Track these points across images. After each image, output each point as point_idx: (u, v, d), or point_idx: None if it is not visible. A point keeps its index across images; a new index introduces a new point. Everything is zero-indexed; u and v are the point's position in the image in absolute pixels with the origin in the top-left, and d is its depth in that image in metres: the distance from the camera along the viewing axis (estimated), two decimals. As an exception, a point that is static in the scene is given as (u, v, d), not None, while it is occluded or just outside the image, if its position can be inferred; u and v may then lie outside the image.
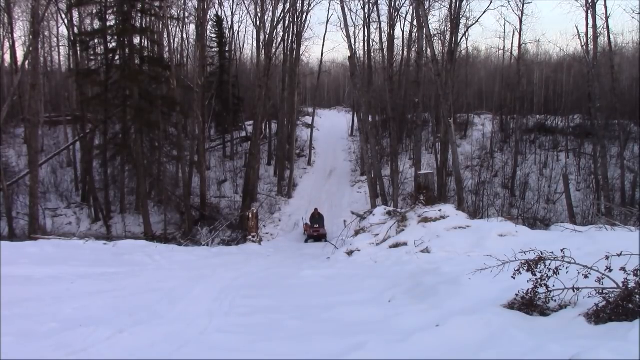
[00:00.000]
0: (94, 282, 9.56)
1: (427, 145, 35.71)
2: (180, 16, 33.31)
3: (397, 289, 7.45)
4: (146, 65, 26.16)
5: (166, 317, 6.49)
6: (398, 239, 12.21)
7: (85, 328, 5.62)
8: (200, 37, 28.91)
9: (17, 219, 24.02)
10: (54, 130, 37.57)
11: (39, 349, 4.86)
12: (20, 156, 32.67)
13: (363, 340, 4.86)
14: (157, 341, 5.26)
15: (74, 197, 29.96)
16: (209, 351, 4.94)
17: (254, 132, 28.93)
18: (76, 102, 30.98)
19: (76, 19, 31.38)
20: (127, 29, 24.97)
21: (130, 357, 4.79)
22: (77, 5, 28.39)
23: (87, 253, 13.17)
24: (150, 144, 26.06)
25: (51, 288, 8.62)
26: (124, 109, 25.12)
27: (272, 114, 37.02)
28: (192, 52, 37.98)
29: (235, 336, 5.45)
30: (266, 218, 26.65)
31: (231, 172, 33.88)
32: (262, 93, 28.88)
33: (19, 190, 27.86)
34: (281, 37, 33.15)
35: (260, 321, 6.22)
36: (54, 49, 42.68)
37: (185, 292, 8.34)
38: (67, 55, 38.36)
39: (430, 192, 14.95)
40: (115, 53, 26.13)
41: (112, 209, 27.21)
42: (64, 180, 31.43)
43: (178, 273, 11.35)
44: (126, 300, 7.67)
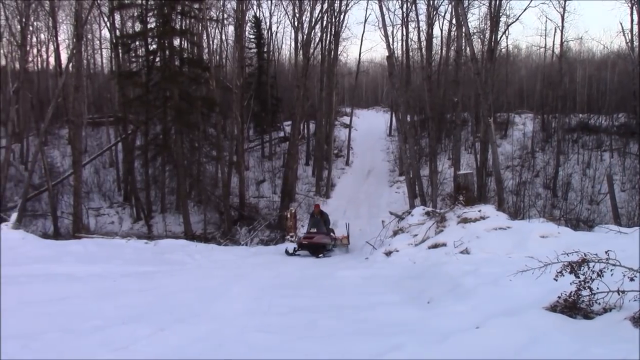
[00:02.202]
0: (135, 280, 9.74)
1: (466, 145, 35.31)
2: (219, 18, 33.63)
3: (436, 289, 7.37)
4: (186, 67, 26.46)
5: (206, 316, 6.56)
6: (437, 240, 12.09)
7: (128, 325, 5.74)
8: (238, 38, 29.10)
9: (62, 218, 24.56)
10: (96, 131, 38.30)
11: (83, 346, 4.98)
12: (65, 157, 33.44)
13: (401, 341, 4.83)
14: (197, 339, 5.32)
15: (116, 196, 30.50)
16: (248, 350, 4.98)
17: (292, 133, 29.01)
18: (118, 103, 31.50)
19: (118, 21, 31.95)
20: (167, 31, 25.28)
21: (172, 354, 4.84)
22: (118, 8, 28.86)
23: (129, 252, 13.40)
24: (190, 145, 26.34)
25: (94, 286, 8.81)
26: (165, 110, 25.43)
27: (310, 114, 37.05)
28: (230, 53, 38.33)
29: (273, 335, 5.47)
30: (304, 218, 26.61)
31: (269, 172, 34.04)
32: (300, 93, 28.95)
33: (63, 190, 28.52)
34: (319, 37, 33.17)
35: (297, 321, 6.23)
36: (97, 51, 43.57)
37: (224, 291, 8.41)
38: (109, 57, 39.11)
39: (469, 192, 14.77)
40: (155, 55, 26.47)
41: (153, 209, 27.60)
42: (106, 180, 32.02)
43: (217, 272, 11.48)
44: (167, 299, 7.78)
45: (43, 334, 5.26)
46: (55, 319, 6.10)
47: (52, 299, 7.37)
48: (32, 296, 7.46)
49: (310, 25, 29.70)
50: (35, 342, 4.98)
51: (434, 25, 33.79)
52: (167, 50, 25.73)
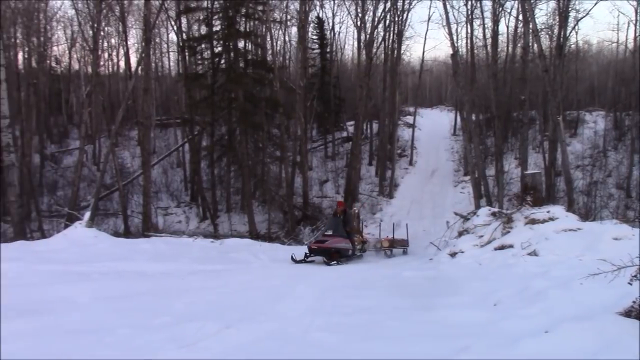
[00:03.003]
0: (202, 278, 9.94)
1: (533, 144, 34.39)
2: (283, 19, 33.92)
3: (502, 292, 7.20)
4: (250, 68, 26.84)
5: (270, 315, 6.62)
6: (503, 241, 11.83)
7: (195, 322, 5.84)
8: (301, 39, 29.26)
9: (132, 217, 25.30)
10: (164, 132, 39.29)
11: (152, 341, 5.11)
12: (134, 157, 34.49)
13: (467, 343, 4.74)
14: (262, 338, 5.37)
15: (183, 196, 31.21)
16: (312, 350, 4.99)
17: (355, 132, 28.99)
18: (185, 105, 32.21)
19: (184, 25, 32.73)
20: (232, 33, 25.70)
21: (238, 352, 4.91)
22: (185, 12, 29.55)
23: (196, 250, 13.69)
24: (254, 145, 26.70)
25: (163, 283, 9.05)
26: (230, 111, 25.86)
27: (373, 114, 36.93)
28: (294, 54, 38.55)
29: (337, 336, 5.46)
30: (367, 218, 26.59)
31: (333, 172, 34.10)
32: (363, 93, 28.89)
33: (133, 190, 29.43)
34: (382, 37, 32.99)
35: (361, 321, 6.21)
36: (164, 54, 44.79)
37: (288, 291, 8.47)
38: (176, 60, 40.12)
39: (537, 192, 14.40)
40: (220, 57, 26.97)
41: (219, 208, 28.08)
42: (174, 180, 32.81)
43: (281, 271, 11.59)
44: (232, 297, 7.90)
45: (115, 329, 5.43)
46: (127, 315, 6.29)
47: (124, 296, 7.62)
48: (105, 292, 7.73)
49: (373, 24, 29.61)
50: (109, 336, 5.14)
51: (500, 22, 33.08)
52: (232, 53, 26.18)
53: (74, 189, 22.53)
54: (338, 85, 40.93)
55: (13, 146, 18.17)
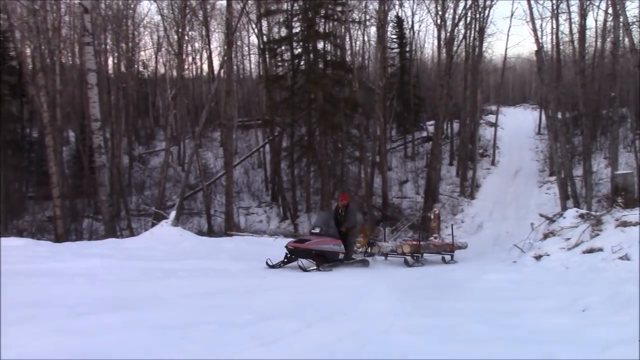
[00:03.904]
0: (283, 277, 10.06)
1: (625, 142, 32.82)
2: (362, 19, 33.90)
3: (591, 297, 6.90)
4: (329, 69, 26.99)
5: (350, 315, 6.62)
6: (592, 244, 11.33)
7: (276, 320, 5.91)
8: (380, 38, 29.13)
9: (215, 216, 25.93)
10: (246, 133, 40.04)
11: (235, 338, 5.19)
12: (217, 158, 35.33)
13: (553, 350, 4.58)
14: (342, 338, 5.36)
15: (264, 196, 31.72)
16: (392, 351, 4.95)
17: (436, 132, 28.59)
18: (266, 106, 32.72)
19: (265, 28, 33.28)
20: (311, 34, 25.94)
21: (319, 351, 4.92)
22: (266, 15, 30.06)
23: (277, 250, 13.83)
24: (333, 146, 26.82)
25: (245, 281, 9.22)
26: (309, 112, 26.10)
27: (453, 113, 36.31)
28: (373, 54, 38.52)
29: (417, 338, 5.38)
30: (448, 219, 26.15)
31: (412, 173, 33.78)
32: (444, 92, 28.44)
33: (216, 190, 30.18)
34: (462, 34, 32.37)
35: (442, 323, 6.09)
36: (246, 57, 45.61)
37: (368, 291, 8.45)
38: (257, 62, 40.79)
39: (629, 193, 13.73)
40: (300, 58, 27.28)
41: (299, 208, 28.35)
42: (255, 181, 33.41)
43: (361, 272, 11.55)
44: (313, 296, 7.95)
45: (200, 325, 5.56)
46: (211, 312, 6.44)
47: (207, 293, 7.81)
48: (190, 289, 7.96)
49: (454, 22, 29.10)
50: (194, 332, 5.27)
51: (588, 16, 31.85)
52: (312, 54, 26.43)
53: (160, 188, 23.31)
54: (418, 85, 40.51)
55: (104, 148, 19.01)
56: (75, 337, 4.81)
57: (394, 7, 35.92)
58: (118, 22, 33.23)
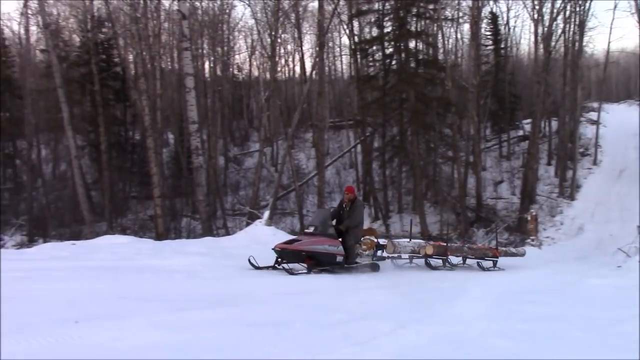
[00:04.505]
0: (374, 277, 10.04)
1: None
2: (454, 17, 33.31)
3: None
4: (421, 68, 26.72)
5: (444, 317, 6.51)
6: None
7: (368, 321, 5.90)
8: (474, 36, 28.53)
9: (307, 216, 26.16)
10: (337, 134, 40.25)
11: (326, 337, 5.21)
12: (309, 159, 35.75)
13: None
14: (436, 340, 5.27)
15: (356, 196, 31.70)
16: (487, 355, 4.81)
17: (533, 131, 27.69)
18: (357, 107, 32.74)
19: (356, 28, 33.30)
20: (403, 34, 25.76)
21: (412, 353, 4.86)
22: (357, 15, 30.09)
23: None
24: (426, 145, 26.52)
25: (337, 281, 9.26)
26: (401, 112, 25.94)
27: (551, 111, 34.97)
28: (466, 51, 37.73)
29: (514, 343, 5.20)
30: (546, 221, 25.24)
31: (508, 173, 32.84)
32: (541, 89, 27.49)
33: (308, 190, 30.52)
34: (561, 29, 31.08)
35: (541, 329, 5.88)
36: (337, 58, 45.83)
37: (462, 293, 8.28)
38: (349, 63, 40.90)
39: None
40: (392, 58, 27.15)
41: (390, 209, 28.21)
42: (346, 181, 33.44)
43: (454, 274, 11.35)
44: (405, 297, 7.88)
45: (292, 323, 5.61)
46: (304, 311, 6.49)
47: (300, 291, 7.91)
48: (284, 288, 8.09)
49: (552, 16, 28.02)
50: (286, 331, 5.33)
51: (700, 5, 29.78)
52: (403, 53, 26.24)
53: (254, 189, 23.83)
54: (513, 82, 39.33)
55: (201, 149, 19.63)
56: (175, 332, 4.98)
57: (488, 4, 35.12)
58: (214, 27, 34.22)
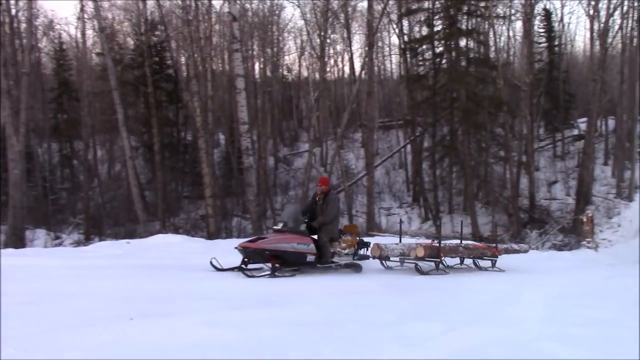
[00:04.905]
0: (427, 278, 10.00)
1: None
2: (506, 14, 32.74)
3: None
4: (472, 67, 26.38)
5: (496, 319, 6.41)
6: None
7: (420, 322, 5.85)
8: (527, 33, 28.00)
9: (356, 216, 26.21)
10: (387, 134, 40.07)
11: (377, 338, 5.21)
12: (358, 159, 35.69)
13: None
14: (488, 343, 5.19)
15: (406, 197, 31.58)
16: (544, 359, 4.72)
17: (588, 130, 27.01)
18: (407, 106, 32.56)
19: (406, 27, 33.09)
20: (453, 32, 25.49)
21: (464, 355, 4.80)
22: (406, 14, 29.91)
23: (418, 251, 13.72)
24: (477, 145, 26.17)
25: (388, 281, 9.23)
26: (451, 111, 25.65)
27: (608, 109, 34.03)
28: (518, 49, 37.11)
29: (570, 348, 5.06)
30: (603, 223, 24.53)
31: (562, 173, 32.07)
32: (597, 87, 26.75)
33: (357, 190, 30.46)
34: (618, 25, 30.27)
35: (598, 334, 5.70)
36: (387, 57, 45.59)
37: (515, 296, 8.13)
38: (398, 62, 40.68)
39: None
40: (442, 57, 26.90)
41: (441, 209, 27.92)
42: (396, 181, 33.37)
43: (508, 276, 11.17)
44: (458, 299, 7.79)
45: (344, 323, 5.62)
46: (355, 310, 6.52)
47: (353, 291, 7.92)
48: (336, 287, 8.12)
49: (608, 12, 27.23)
50: (338, 330, 5.35)
51: None
52: (454, 52, 25.99)
53: (303, 188, 23.98)
54: (568, 80, 38.40)
55: (251, 150, 19.84)
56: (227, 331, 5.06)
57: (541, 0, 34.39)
58: (264, 29, 34.56)
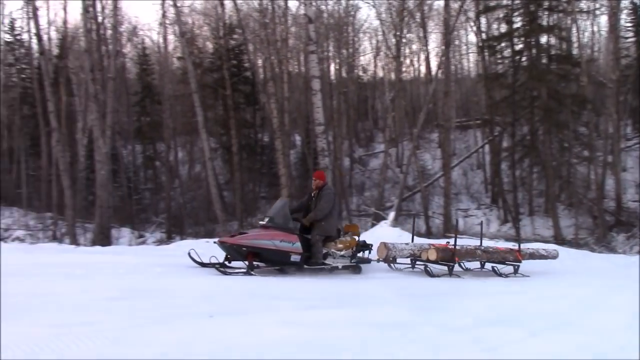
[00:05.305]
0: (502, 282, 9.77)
1: None
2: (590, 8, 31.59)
3: None
4: (554, 64, 25.58)
5: (579, 326, 6.16)
6: None
7: (498, 327, 5.74)
8: (612, 28, 26.97)
9: (433, 217, 25.91)
10: (464, 134, 39.45)
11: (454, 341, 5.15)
12: (435, 159, 35.29)
13: None
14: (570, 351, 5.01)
15: (484, 198, 30.98)
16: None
17: (681, 129, 25.78)
18: (485, 105, 31.97)
19: (483, 25, 32.49)
20: (534, 29, 24.84)
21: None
22: (484, 12, 29.32)
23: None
24: (559, 145, 25.38)
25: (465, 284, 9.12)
26: (532, 110, 24.99)
27: (701, 106, 32.31)
28: (604, 45, 35.74)
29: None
30: (698, 226, 23.29)
31: (652, 174, 30.63)
32: (690, 83, 25.53)
33: (434, 191, 30.14)
34: None
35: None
36: (463, 56, 44.90)
37: (600, 302, 7.79)
38: (476, 61, 40.00)
39: None
40: (522, 54, 26.22)
41: (521, 211, 27.20)
42: (474, 182, 32.80)
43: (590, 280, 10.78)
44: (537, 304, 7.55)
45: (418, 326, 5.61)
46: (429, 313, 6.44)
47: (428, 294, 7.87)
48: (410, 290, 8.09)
49: (702, 3, 25.93)
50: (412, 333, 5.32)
51: None
52: (534, 49, 25.30)
53: (379, 190, 23.95)
54: (658, 76, 36.64)
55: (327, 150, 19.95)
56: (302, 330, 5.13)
57: (630, -7, 32.96)
58: (339, 30, 34.73)
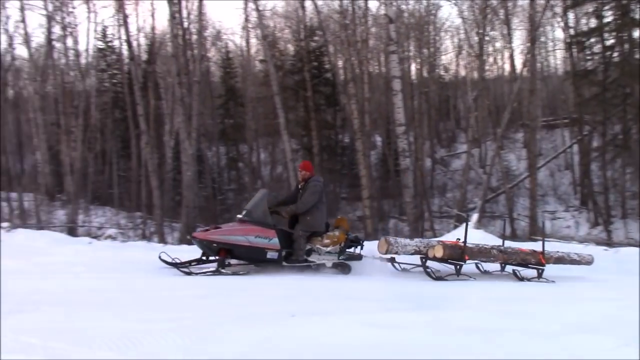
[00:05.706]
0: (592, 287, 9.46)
1: None
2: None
3: None
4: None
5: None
6: None
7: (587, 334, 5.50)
8: None
9: (518, 220, 25.25)
10: (551, 133, 38.25)
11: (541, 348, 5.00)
12: (520, 160, 34.41)
13: None
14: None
15: (572, 200, 29.96)
16: None
17: None
18: (573, 104, 30.95)
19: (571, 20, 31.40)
20: (626, 22, 23.83)
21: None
22: (572, 6, 28.33)
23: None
24: (654, 144, 24.27)
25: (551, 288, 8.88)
26: (624, 108, 23.98)
27: None
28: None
29: None
30: None
31: None
32: None
33: (519, 193, 29.38)
34: None
35: None
36: (550, 53, 43.57)
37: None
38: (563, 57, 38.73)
39: None
40: (613, 50, 25.23)
41: (612, 214, 26.12)
42: (561, 183, 31.80)
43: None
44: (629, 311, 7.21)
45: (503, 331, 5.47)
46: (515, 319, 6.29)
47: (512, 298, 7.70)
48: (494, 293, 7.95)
49: None
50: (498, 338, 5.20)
51: None
52: (627, 44, 24.30)
53: (461, 191, 23.59)
54: None
55: (408, 151, 19.85)
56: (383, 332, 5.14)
57: None
58: (420, 29, 34.40)
